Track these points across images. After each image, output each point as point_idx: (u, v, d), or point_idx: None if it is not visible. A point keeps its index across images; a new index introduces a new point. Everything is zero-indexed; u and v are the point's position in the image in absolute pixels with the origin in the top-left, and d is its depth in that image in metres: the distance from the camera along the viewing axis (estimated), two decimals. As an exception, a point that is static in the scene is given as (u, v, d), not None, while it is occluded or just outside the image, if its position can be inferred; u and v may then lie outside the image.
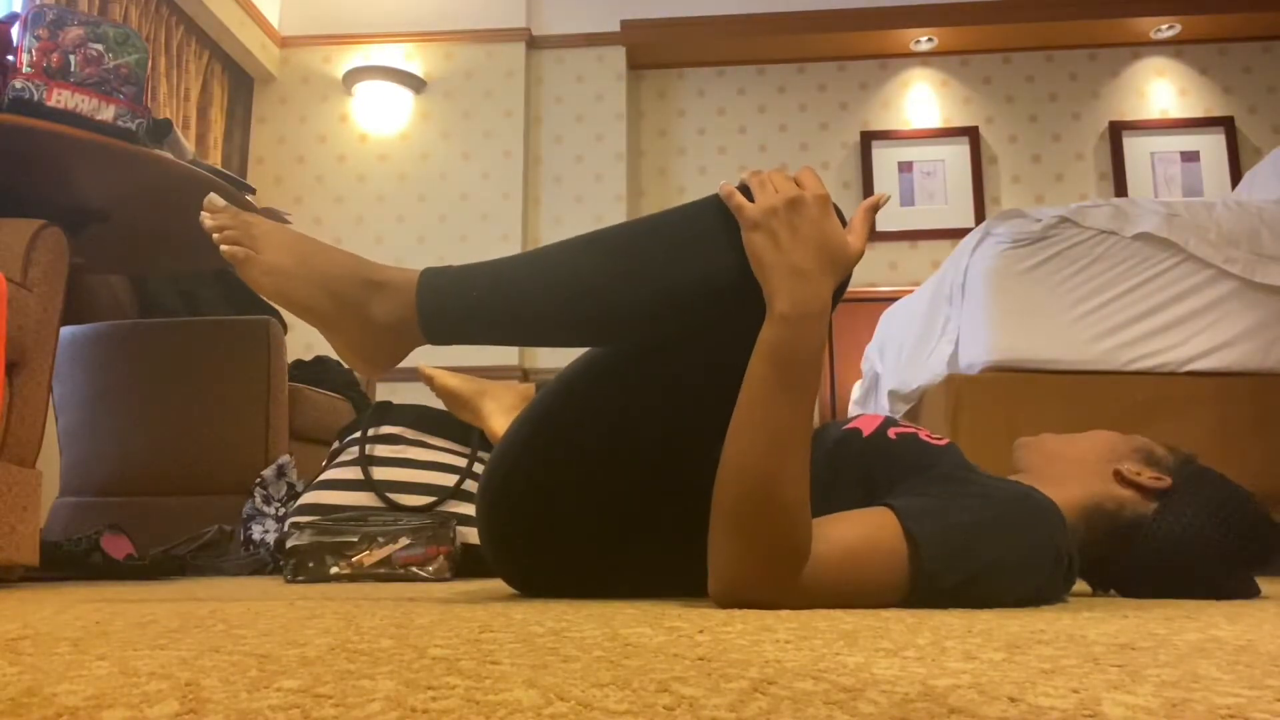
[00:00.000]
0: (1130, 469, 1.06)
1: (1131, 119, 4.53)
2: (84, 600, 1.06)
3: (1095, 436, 1.13)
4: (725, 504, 0.84)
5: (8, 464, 1.44)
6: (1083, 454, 1.10)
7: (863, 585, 0.86)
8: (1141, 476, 1.05)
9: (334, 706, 0.37)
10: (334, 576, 1.65)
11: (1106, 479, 1.07)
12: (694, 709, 0.37)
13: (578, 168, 4.48)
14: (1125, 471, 1.06)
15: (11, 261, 1.50)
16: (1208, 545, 1.04)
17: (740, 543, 0.83)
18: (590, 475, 1.01)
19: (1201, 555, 1.04)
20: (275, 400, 2.48)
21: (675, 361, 0.96)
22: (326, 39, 4.58)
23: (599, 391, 1.01)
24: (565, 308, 0.93)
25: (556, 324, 0.94)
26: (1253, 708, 0.37)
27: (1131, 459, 1.09)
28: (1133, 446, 1.10)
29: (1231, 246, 2.10)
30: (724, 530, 0.84)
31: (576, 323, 0.94)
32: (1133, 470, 1.06)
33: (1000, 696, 0.39)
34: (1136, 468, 1.07)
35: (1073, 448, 1.12)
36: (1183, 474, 1.07)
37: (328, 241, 4.44)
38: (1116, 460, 1.08)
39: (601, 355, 1.02)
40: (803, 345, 0.84)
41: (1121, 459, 1.08)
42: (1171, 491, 1.05)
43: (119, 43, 1.80)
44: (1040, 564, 0.92)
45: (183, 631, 0.65)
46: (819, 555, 0.84)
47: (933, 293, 2.43)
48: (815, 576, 0.84)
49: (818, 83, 4.74)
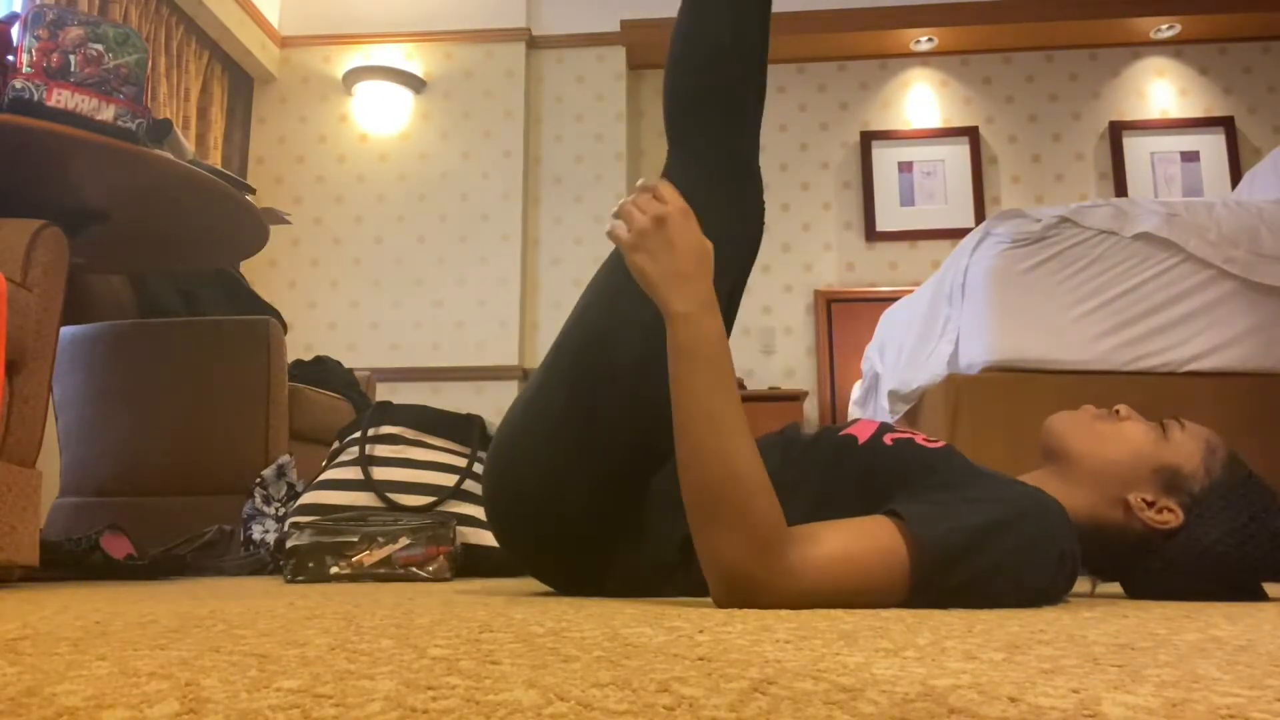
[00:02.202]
0: (1141, 501, 1.02)
1: (1131, 119, 4.54)
2: (84, 600, 1.06)
3: (1123, 443, 1.06)
4: (691, 499, 0.90)
5: (8, 464, 1.44)
6: (1104, 465, 1.05)
7: (862, 585, 0.87)
8: (1147, 513, 1.01)
9: (334, 706, 0.37)
10: (334, 576, 1.65)
11: (1114, 502, 1.03)
12: (694, 709, 0.37)
13: (578, 168, 4.48)
14: (1133, 504, 1.02)
15: (11, 261, 1.50)
16: (1219, 564, 1.01)
17: (713, 529, 0.87)
18: (587, 459, 1.06)
19: (1211, 573, 1.02)
20: (275, 400, 2.48)
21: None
22: (326, 39, 4.58)
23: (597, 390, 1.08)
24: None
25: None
26: (1253, 708, 0.37)
27: (1150, 485, 1.03)
28: (1155, 467, 1.04)
29: (1231, 246, 2.10)
30: (698, 525, 0.89)
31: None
32: (1142, 503, 1.02)
33: (1000, 696, 0.39)
34: (1151, 496, 1.02)
35: (1099, 451, 1.06)
36: (1205, 496, 1.02)
37: (327, 241, 4.45)
38: (1132, 485, 1.03)
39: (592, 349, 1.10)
40: (704, 337, 0.91)
41: (1138, 484, 1.03)
42: (1182, 525, 1.01)
43: (119, 43, 1.80)
44: (1044, 566, 0.92)
45: (183, 631, 0.65)
46: (818, 556, 0.86)
47: (933, 293, 2.43)
48: (814, 575, 0.85)
49: (818, 83, 4.74)
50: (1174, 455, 1.04)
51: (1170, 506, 1.02)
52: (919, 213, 4.56)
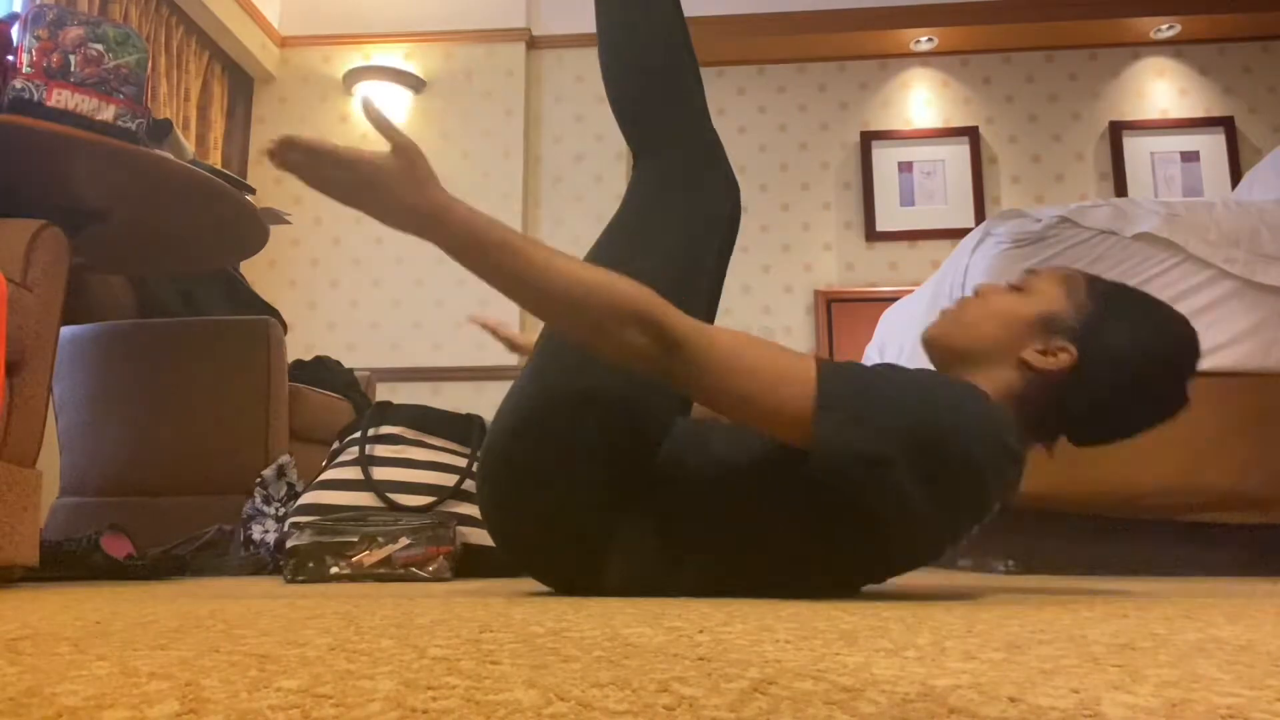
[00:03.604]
0: (1034, 354, 1.05)
1: (1131, 119, 4.53)
2: (84, 600, 1.06)
3: (992, 317, 1.09)
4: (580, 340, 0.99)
5: (8, 464, 1.44)
6: (988, 344, 1.07)
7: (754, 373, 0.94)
8: (1043, 360, 1.04)
9: (334, 706, 0.37)
10: (334, 576, 1.65)
11: (1015, 368, 1.06)
12: (694, 709, 0.37)
13: (578, 168, 4.48)
14: (1029, 359, 1.05)
15: (11, 261, 1.50)
16: (1139, 372, 1.04)
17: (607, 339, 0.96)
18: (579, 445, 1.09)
19: (1135, 386, 1.05)
20: (275, 400, 2.48)
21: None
22: (326, 39, 4.58)
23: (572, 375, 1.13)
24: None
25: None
26: (1253, 708, 0.37)
27: (1034, 337, 1.06)
28: (1029, 321, 1.07)
29: (1231, 246, 2.10)
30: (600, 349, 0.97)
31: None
32: (1035, 354, 1.05)
33: (1000, 696, 0.39)
34: (1040, 345, 1.05)
35: (976, 334, 1.09)
36: (1086, 323, 1.06)
37: (327, 241, 4.44)
38: (1019, 346, 1.06)
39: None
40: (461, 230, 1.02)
41: (1024, 343, 1.06)
42: (1080, 358, 1.04)
43: (119, 43, 1.80)
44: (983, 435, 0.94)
45: (183, 631, 0.65)
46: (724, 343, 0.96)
47: (933, 293, 2.43)
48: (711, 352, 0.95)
49: (818, 83, 4.74)
50: (1040, 303, 1.08)
51: (1061, 347, 1.05)
52: (919, 213, 4.56)
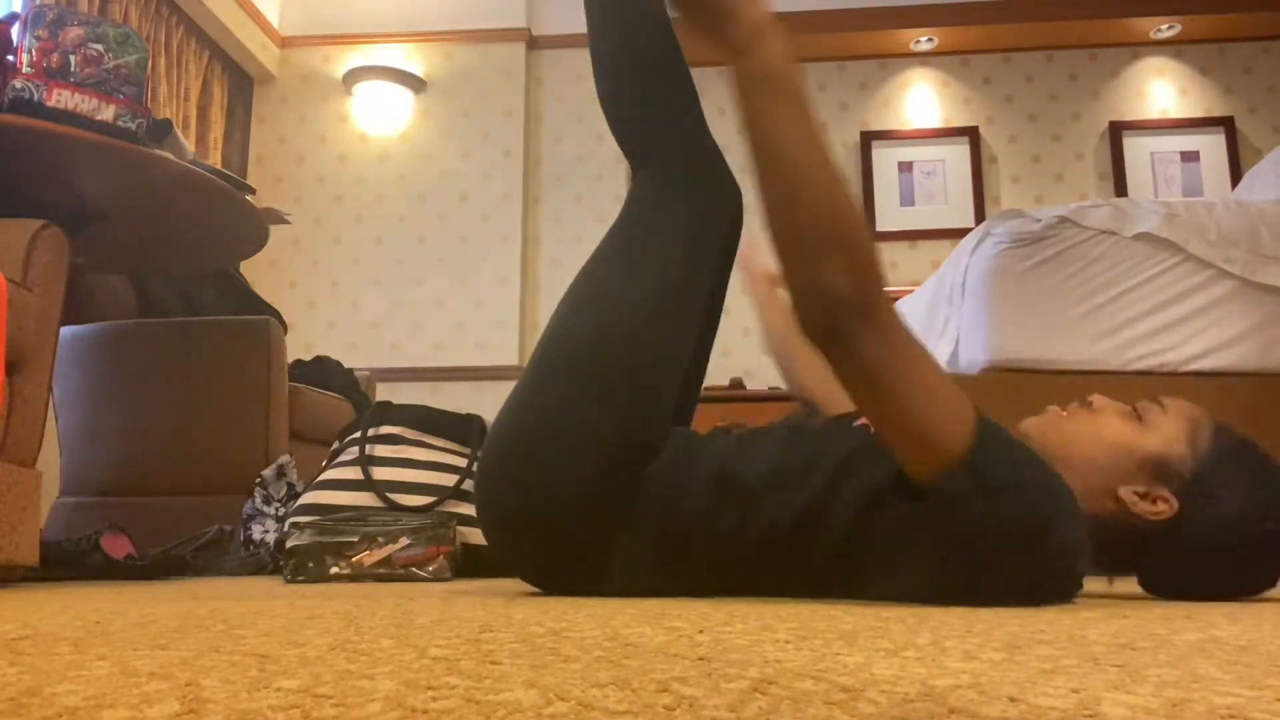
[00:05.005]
0: (1132, 495, 0.98)
1: (1131, 119, 4.53)
2: (84, 600, 1.06)
3: (1100, 440, 1.02)
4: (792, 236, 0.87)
5: (8, 464, 1.44)
6: (1085, 465, 1.01)
7: (922, 388, 0.88)
8: (1140, 506, 0.98)
9: (334, 706, 0.37)
10: (334, 576, 1.65)
11: (1106, 497, 1.00)
12: (694, 709, 0.37)
13: (578, 168, 4.48)
14: (1125, 498, 0.99)
15: (11, 261, 1.50)
16: (1242, 544, 0.97)
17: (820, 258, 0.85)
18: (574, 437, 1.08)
19: (1232, 557, 0.98)
20: (275, 400, 2.48)
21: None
22: (326, 39, 4.58)
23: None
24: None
25: None
26: (1253, 708, 0.37)
27: (1138, 476, 0.99)
28: (1139, 458, 1.00)
29: (1231, 246, 2.10)
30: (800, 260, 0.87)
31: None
32: (1134, 496, 0.99)
33: (1000, 696, 0.39)
34: (1142, 488, 0.99)
35: (1076, 452, 1.03)
36: (1198, 478, 0.98)
37: (327, 241, 4.45)
38: (1119, 480, 1.00)
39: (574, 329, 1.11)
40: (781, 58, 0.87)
41: (1125, 477, 0.99)
42: (1179, 515, 0.97)
43: (119, 43, 1.80)
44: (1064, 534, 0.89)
45: (183, 631, 0.65)
46: (912, 345, 0.89)
47: (933, 293, 2.43)
48: (896, 340, 0.88)
49: (818, 83, 4.74)
50: (1156, 442, 1.00)
51: (1163, 496, 0.98)
52: (919, 213, 4.56)
